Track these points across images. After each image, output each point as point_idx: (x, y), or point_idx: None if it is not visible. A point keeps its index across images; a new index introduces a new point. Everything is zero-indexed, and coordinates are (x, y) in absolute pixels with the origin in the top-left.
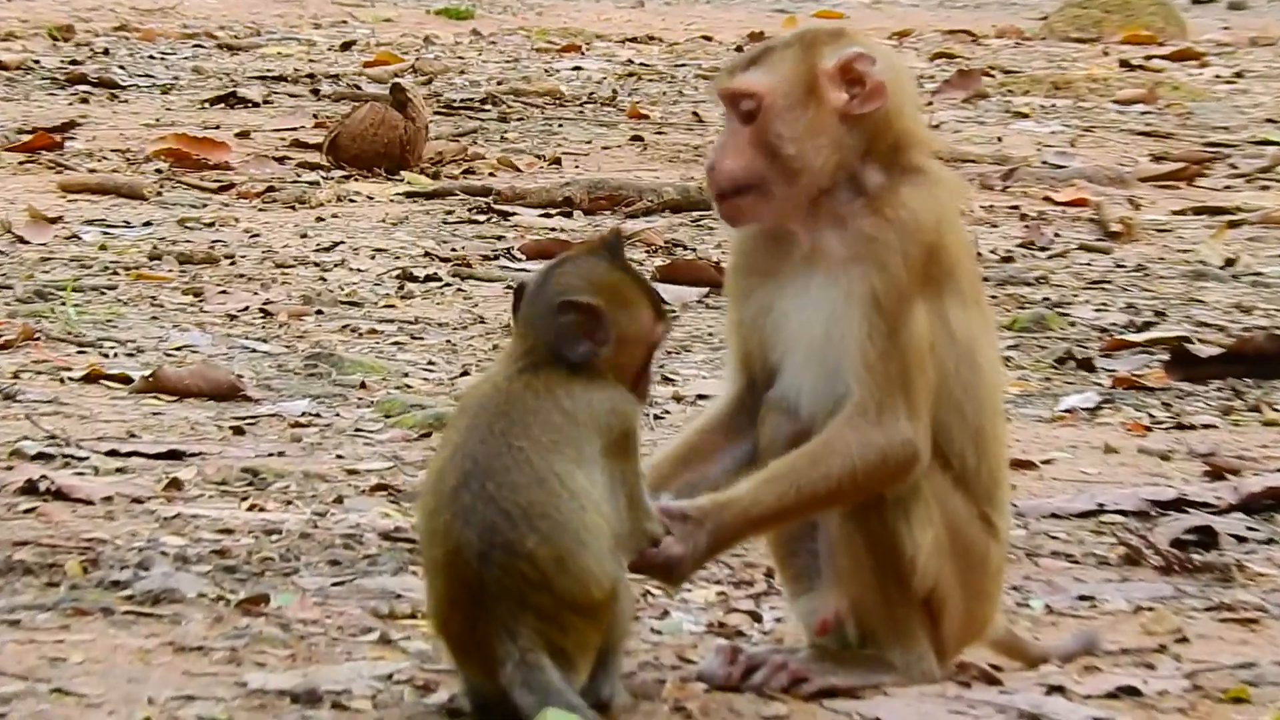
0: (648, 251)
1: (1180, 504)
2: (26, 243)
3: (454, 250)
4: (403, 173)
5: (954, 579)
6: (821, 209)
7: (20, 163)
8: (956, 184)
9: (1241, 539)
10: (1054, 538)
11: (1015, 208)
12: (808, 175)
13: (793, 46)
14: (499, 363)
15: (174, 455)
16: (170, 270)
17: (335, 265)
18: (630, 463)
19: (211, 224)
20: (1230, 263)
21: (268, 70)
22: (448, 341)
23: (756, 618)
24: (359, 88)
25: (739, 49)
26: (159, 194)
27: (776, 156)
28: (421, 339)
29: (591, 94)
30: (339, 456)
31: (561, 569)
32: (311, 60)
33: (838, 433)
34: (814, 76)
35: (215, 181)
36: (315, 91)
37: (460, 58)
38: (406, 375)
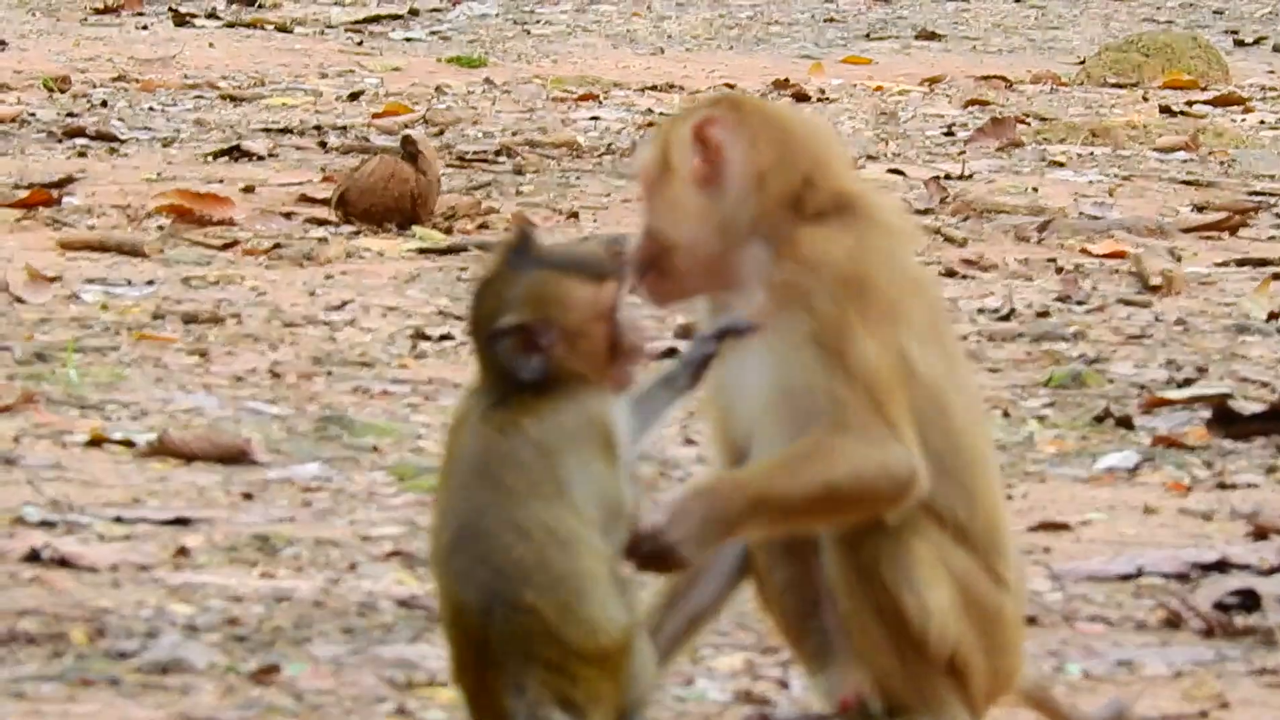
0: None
1: (1222, 565)
2: (24, 302)
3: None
4: (414, 228)
5: (972, 637)
6: (738, 271)
7: (17, 220)
8: (889, 223)
9: None
10: (1091, 601)
11: (1051, 260)
12: (697, 249)
13: (663, 122)
14: (471, 399)
15: (181, 521)
16: (174, 330)
17: (345, 324)
18: (612, 462)
19: (216, 282)
20: (1275, 316)
21: (272, 122)
22: None
23: (784, 685)
24: (368, 140)
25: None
26: (161, 251)
27: (661, 237)
28: (435, 400)
29: (610, 145)
30: (352, 522)
31: (566, 619)
32: (318, 111)
33: (833, 440)
34: (667, 150)
35: (219, 238)
36: (322, 144)
37: (473, 108)
38: (420, 437)
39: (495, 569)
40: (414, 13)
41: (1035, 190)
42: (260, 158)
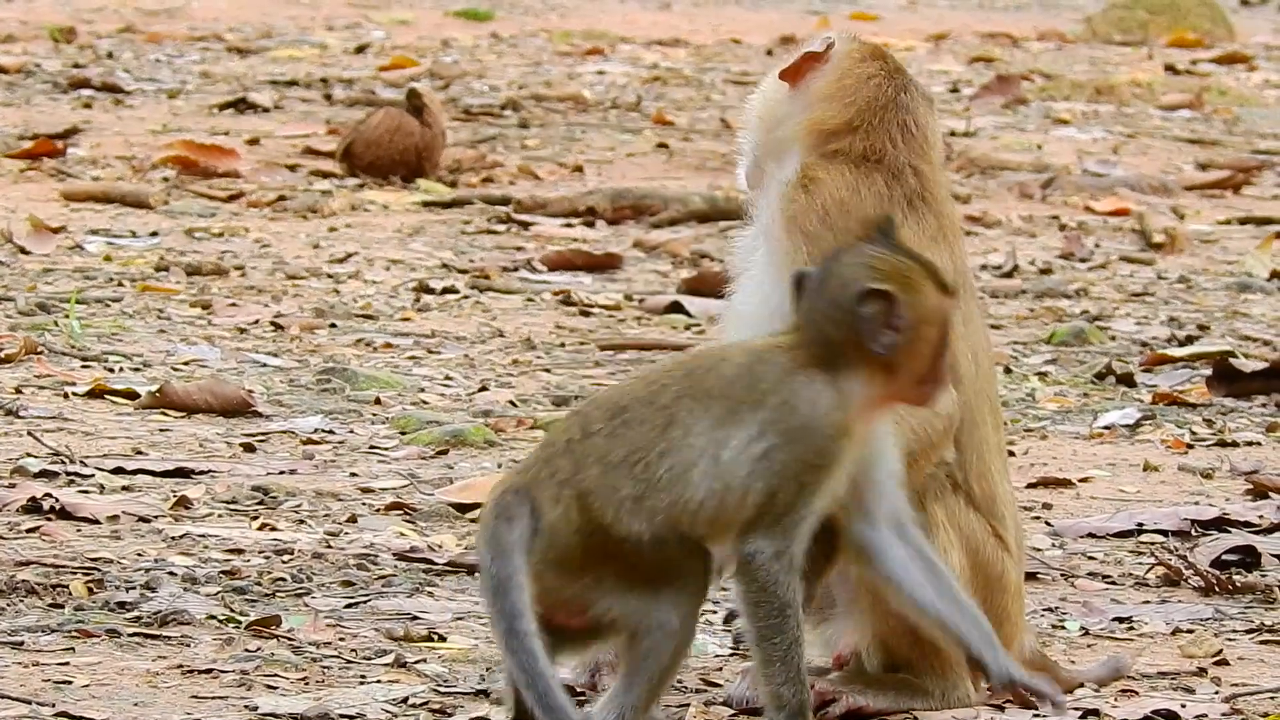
0: (673, 262)
1: (1221, 523)
2: (28, 253)
3: (472, 261)
4: (419, 181)
5: (979, 601)
6: (768, 177)
7: (21, 170)
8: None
9: None
10: (1091, 558)
11: (1055, 218)
12: (752, 134)
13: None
14: (763, 351)
15: (182, 473)
16: (178, 282)
17: (349, 277)
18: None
19: (220, 234)
20: (1277, 274)
21: (279, 74)
22: (465, 356)
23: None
24: (374, 93)
25: (769, 52)
26: (166, 203)
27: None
28: (438, 353)
29: (615, 99)
30: (353, 474)
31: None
32: (324, 64)
33: None
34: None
35: (224, 190)
36: (328, 96)
37: (479, 61)
38: (423, 390)
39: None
40: None
41: (1039, 147)
42: (266, 110)
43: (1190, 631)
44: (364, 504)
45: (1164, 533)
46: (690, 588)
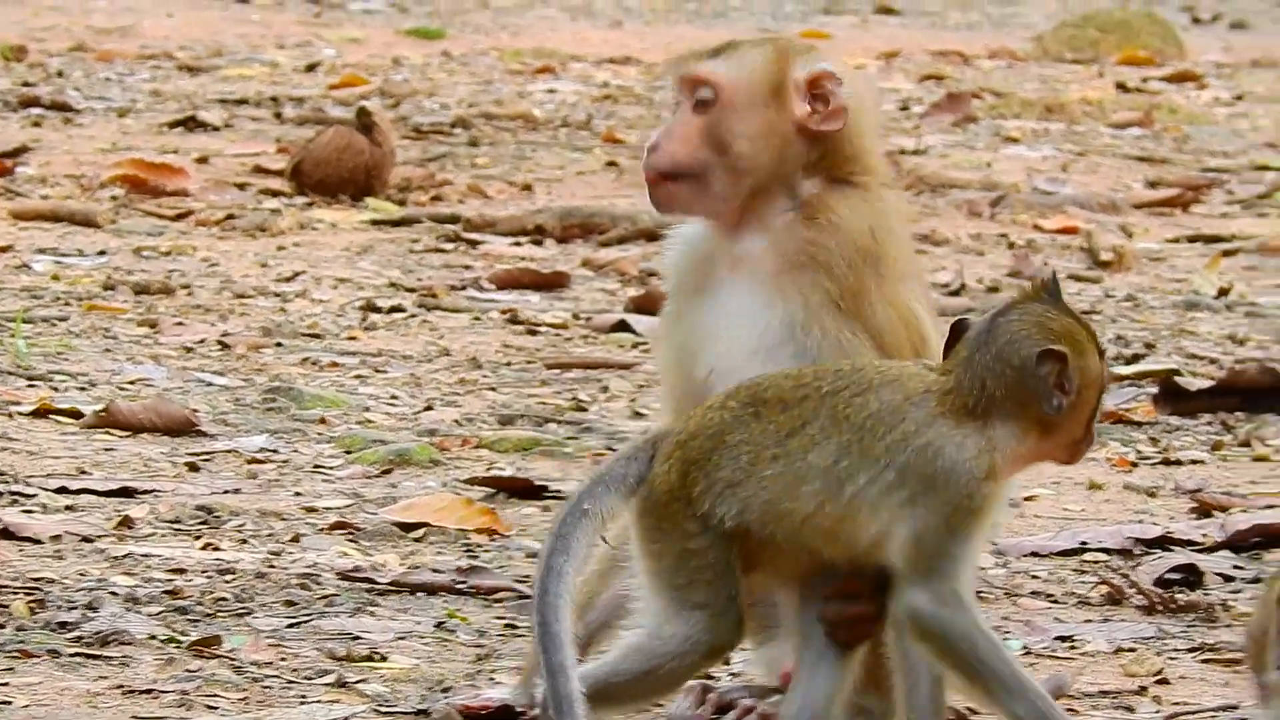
0: (621, 281)
1: (1165, 542)
2: None
3: (420, 280)
4: (368, 199)
5: None
6: (750, 213)
7: None
8: (896, 202)
9: (1228, 578)
10: (1034, 576)
11: (1003, 235)
12: (750, 175)
13: (764, 47)
14: (912, 393)
15: (126, 492)
16: (125, 301)
17: (296, 296)
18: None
19: (168, 253)
20: (1224, 293)
21: (229, 93)
22: (411, 375)
23: (725, 660)
24: (323, 111)
25: None
26: (114, 222)
27: (724, 150)
28: (384, 372)
29: (565, 117)
30: (297, 494)
31: None
32: (274, 82)
33: None
34: (781, 82)
35: (173, 209)
36: (278, 115)
37: (430, 79)
38: (368, 410)
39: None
40: None
41: (989, 165)
42: (215, 128)
43: (1132, 650)
44: (307, 523)
45: (1107, 551)
46: (714, 622)
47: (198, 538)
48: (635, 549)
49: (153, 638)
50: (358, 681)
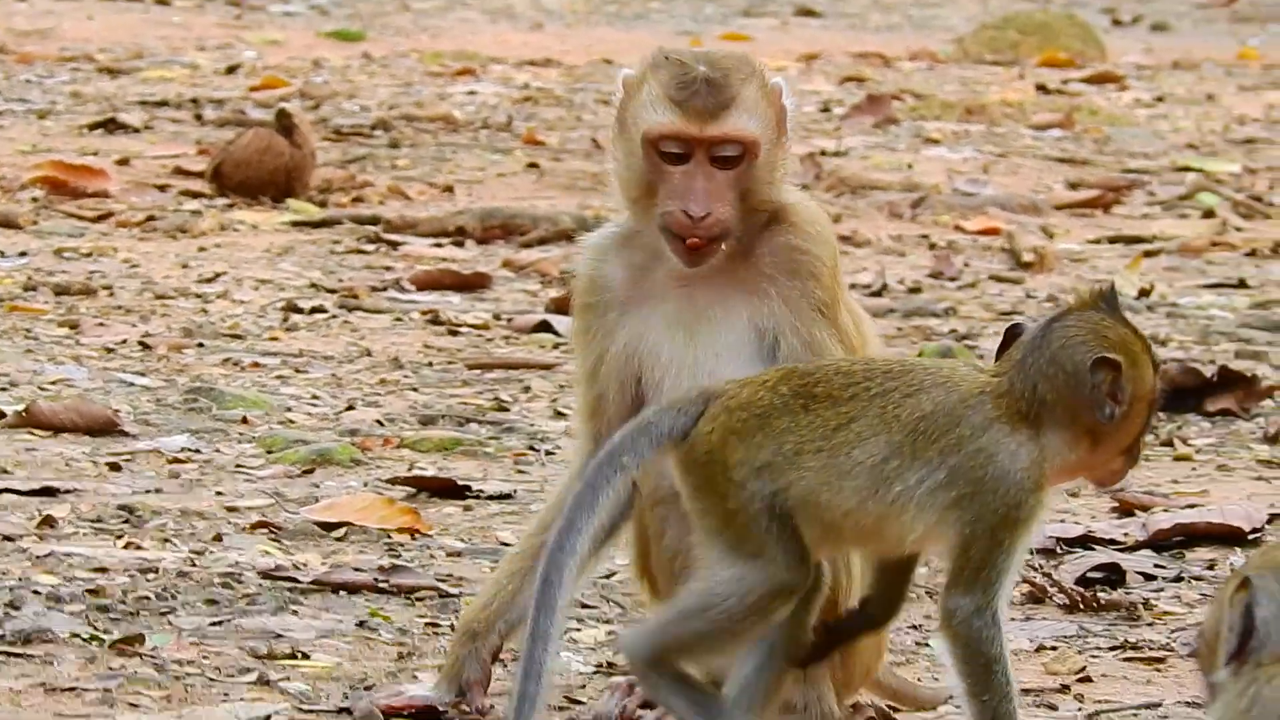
0: (542, 282)
1: (1087, 541)
2: None
3: (341, 281)
4: (289, 201)
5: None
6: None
7: None
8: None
9: (1149, 577)
10: None
11: (924, 237)
12: (766, 210)
13: (753, 81)
14: (967, 394)
15: (47, 492)
16: (46, 302)
17: (217, 297)
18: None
19: (89, 254)
20: (1145, 293)
21: (149, 95)
22: (333, 375)
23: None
24: (244, 113)
25: None
26: (34, 223)
27: (750, 198)
28: (305, 373)
29: (486, 119)
30: (218, 493)
31: None
32: (195, 84)
33: None
34: (780, 116)
35: (93, 210)
36: (198, 117)
37: (350, 81)
38: (289, 410)
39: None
40: None
41: (910, 167)
42: (136, 130)
43: (1054, 649)
44: (229, 523)
45: (1030, 550)
46: (771, 568)
47: (120, 537)
48: (684, 500)
49: (75, 636)
50: (280, 680)
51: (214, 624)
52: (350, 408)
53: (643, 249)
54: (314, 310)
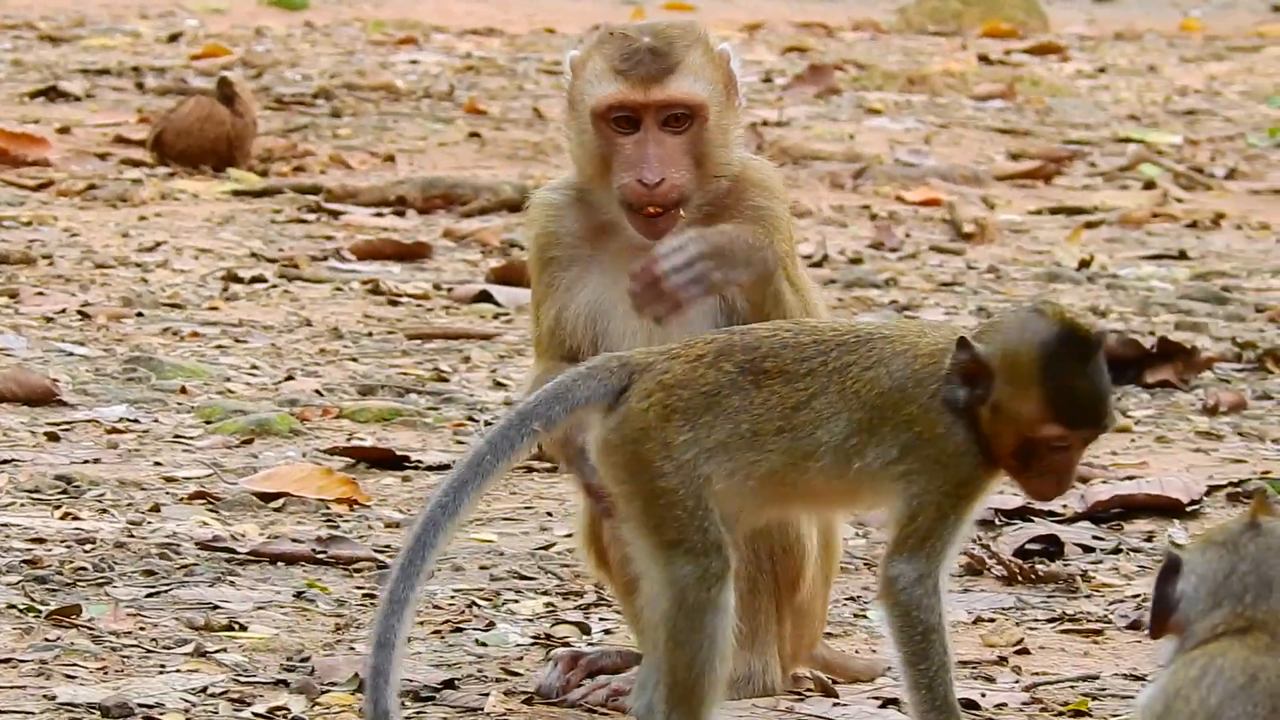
0: (483, 252)
1: (1025, 513)
2: None
3: (281, 251)
4: (230, 170)
5: (820, 583)
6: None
7: None
8: None
9: (1088, 549)
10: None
11: (866, 207)
12: (723, 174)
13: (697, 47)
14: (921, 372)
15: None
16: None
17: (157, 266)
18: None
19: (29, 223)
20: (1085, 264)
21: (91, 63)
22: (273, 345)
23: (585, 629)
24: (185, 81)
25: (581, 42)
26: None
27: (704, 162)
28: (245, 342)
29: (428, 89)
30: (156, 463)
31: None
32: (137, 53)
33: None
34: (729, 80)
35: (33, 179)
36: (140, 85)
37: (292, 50)
38: (229, 380)
39: None
40: None
41: (852, 137)
42: (77, 99)
43: (992, 620)
44: (167, 493)
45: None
46: (691, 558)
47: (57, 507)
48: (604, 479)
49: (11, 607)
50: (217, 651)
51: (151, 595)
52: (289, 378)
53: (601, 209)
54: (254, 280)
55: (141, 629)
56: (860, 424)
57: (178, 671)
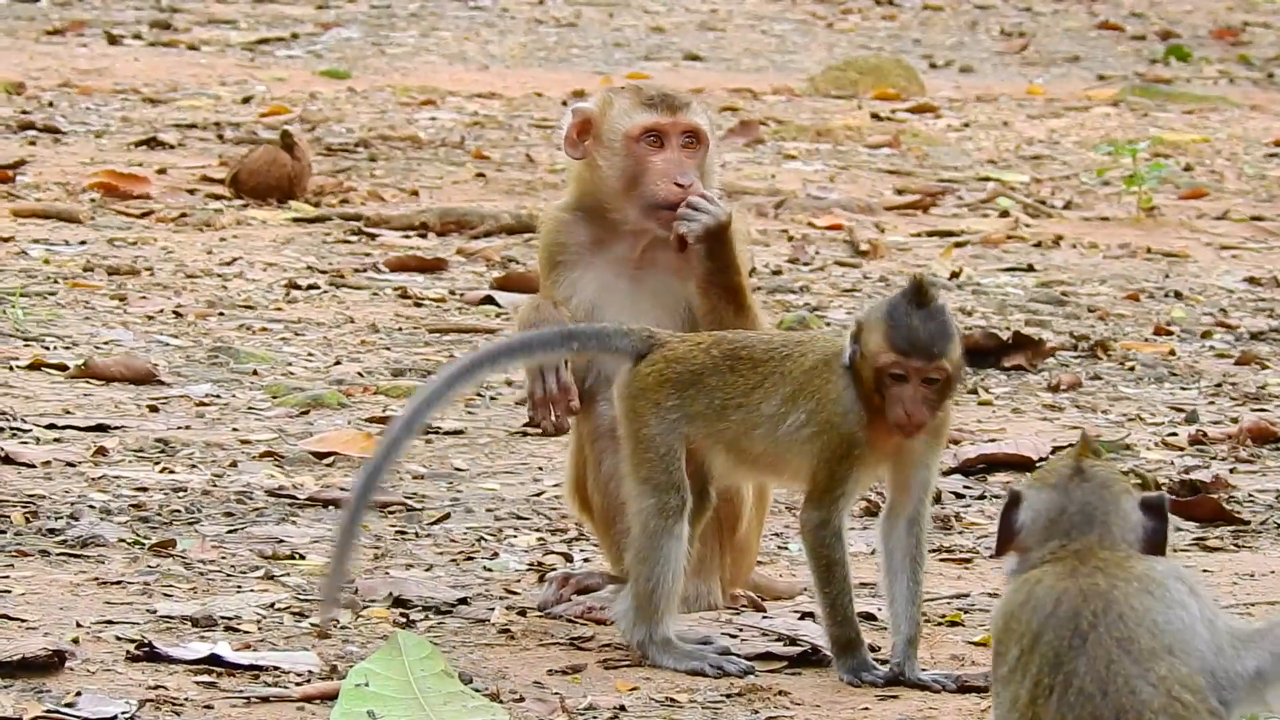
0: (487, 266)
1: None
2: None
3: (331, 265)
4: (290, 202)
5: (755, 524)
6: None
7: None
8: None
9: (959, 495)
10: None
11: (784, 231)
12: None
13: (693, 97)
14: (831, 355)
15: (101, 428)
16: (100, 280)
17: (235, 276)
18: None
19: (135, 243)
20: (955, 275)
21: (182, 119)
22: (324, 338)
23: (569, 558)
24: (255, 133)
25: (564, 103)
26: (92, 219)
27: (703, 181)
28: (303, 335)
29: (444, 139)
30: (234, 429)
31: None
32: (218, 111)
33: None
34: (712, 123)
35: (138, 209)
36: (220, 137)
37: (338, 109)
38: (290, 364)
39: None
40: (295, 36)
41: (773, 177)
42: (171, 147)
43: None
44: (243, 452)
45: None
46: (656, 492)
47: (156, 463)
48: (620, 434)
49: (121, 541)
50: (282, 575)
51: (230, 532)
52: (338, 363)
53: (600, 225)
54: (309, 287)
55: (223, 558)
56: (787, 396)
57: (251, 591)
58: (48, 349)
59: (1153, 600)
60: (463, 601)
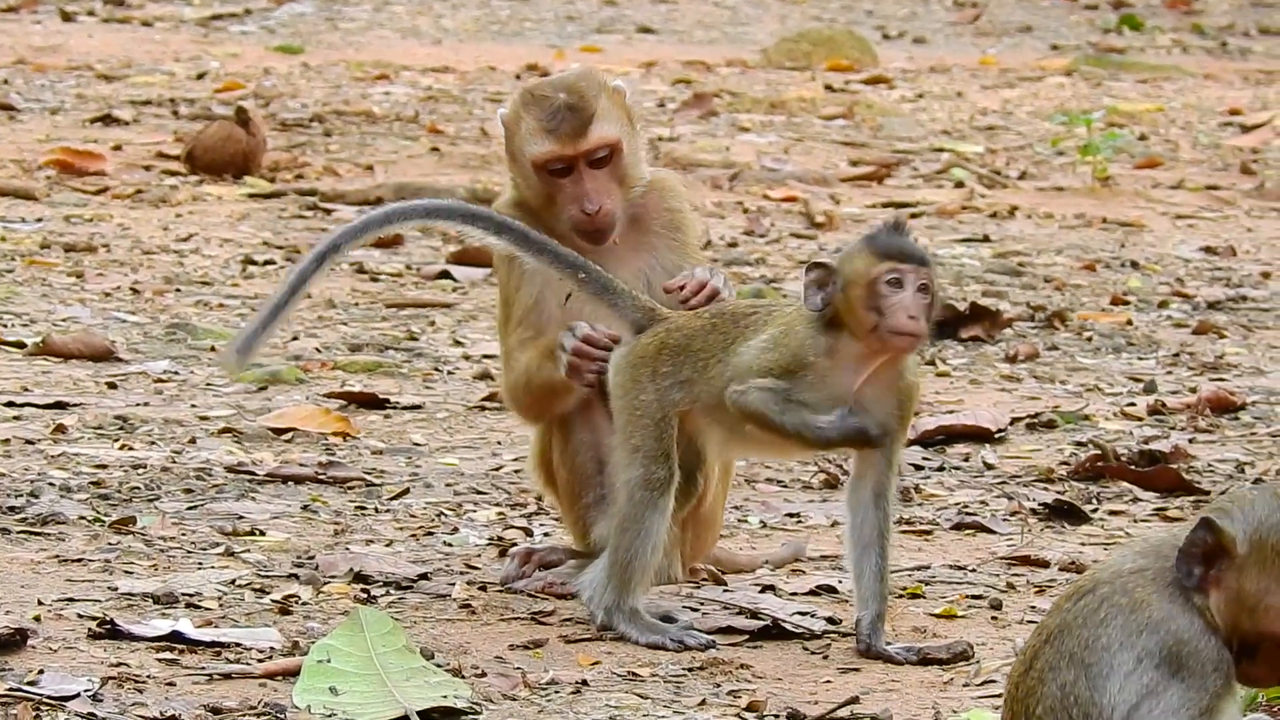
0: (443, 240)
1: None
2: None
3: (287, 240)
4: (246, 178)
5: (719, 500)
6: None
7: None
8: None
9: (919, 467)
10: (768, 467)
11: (739, 203)
12: (637, 188)
13: (602, 94)
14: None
15: (60, 405)
16: (57, 257)
17: (191, 252)
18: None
19: (91, 220)
20: None
21: (137, 96)
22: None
23: (529, 533)
24: (210, 109)
25: (518, 76)
26: (48, 196)
27: (626, 184)
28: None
29: (398, 114)
30: (193, 406)
31: None
32: (173, 88)
33: None
34: (630, 113)
35: (94, 186)
36: (175, 113)
37: (292, 84)
38: None
39: None
40: (248, 11)
41: (728, 149)
42: (127, 123)
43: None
44: (202, 429)
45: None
46: (648, 461)
47: (116, 440)
48: (611, 395)
49: (82, 518)
50: (242, 551)
51: (190, 508)
52: (295, 338)
53: (546, 222)
54: (266, 263)
55: (183, 535)
56: (754, 345)
57: (212, 568)
58: (5, 326)
59: (1118, 624)
60: (423, 577)
